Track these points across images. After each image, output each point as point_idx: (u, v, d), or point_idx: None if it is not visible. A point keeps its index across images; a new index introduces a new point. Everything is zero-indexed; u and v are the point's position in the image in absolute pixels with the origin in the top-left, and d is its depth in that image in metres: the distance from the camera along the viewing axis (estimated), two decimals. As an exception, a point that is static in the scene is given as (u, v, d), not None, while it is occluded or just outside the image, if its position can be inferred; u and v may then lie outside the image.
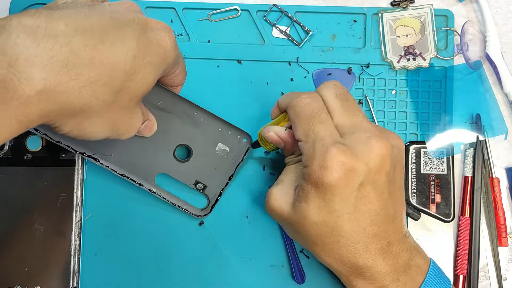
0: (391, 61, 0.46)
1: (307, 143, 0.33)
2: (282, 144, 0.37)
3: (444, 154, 0.44)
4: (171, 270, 0.44)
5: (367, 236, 0.32)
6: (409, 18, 0.46)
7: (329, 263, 0.34)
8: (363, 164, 0.31)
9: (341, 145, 0.32)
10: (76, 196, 0.44)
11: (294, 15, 0.46)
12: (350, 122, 0.34)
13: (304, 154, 0.33)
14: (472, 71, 0.45)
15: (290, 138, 0.36)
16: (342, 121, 0.34)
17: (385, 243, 0.33)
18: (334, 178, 0.31)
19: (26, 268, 0.43)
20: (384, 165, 0.32)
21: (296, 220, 0.33)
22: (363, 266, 0.33)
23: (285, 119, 0.37)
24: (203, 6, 0.47)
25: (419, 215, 0.44)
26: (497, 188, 0.44)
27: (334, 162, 0.31)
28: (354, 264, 0.33)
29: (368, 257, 0.33)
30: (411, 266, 0.34)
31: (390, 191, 0.34)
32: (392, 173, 0.34)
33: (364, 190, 0.32)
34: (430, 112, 0.45)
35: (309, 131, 0.33)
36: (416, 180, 0.44)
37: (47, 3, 0.47)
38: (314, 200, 0.32)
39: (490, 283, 0.44)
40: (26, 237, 0.43)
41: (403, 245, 0.34)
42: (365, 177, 0.32)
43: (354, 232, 0.32)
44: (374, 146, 0.32)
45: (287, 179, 0.35)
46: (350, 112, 0.35)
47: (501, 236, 0.43)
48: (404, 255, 0.34)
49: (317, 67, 0.46)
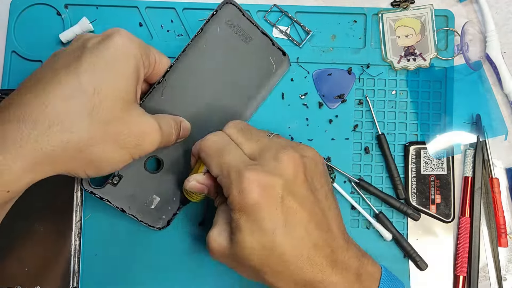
0: (391, 62, 0.46)
1: (223, 176, 0.34)
2: (206, 190, 0.38)
3: (444, 154, 0.44)
4: (170, 270, 0.44)
5: (307, 247, 0.32)
6: (409, 18, 0.46)
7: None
8: (278, 177, 0.32)
9: (252, 166, 0.33)
10: (76, 196, 0.44)
11: (294, 15, 0.46)
12: (258, 147, 0.36)
13: (223, 187, 0.34)
14: (472, 71, 0.45)
15: (211, 181, 0.37)
16: (250, 149, 0.36)
17: (329, 252, 0.33)
18: (254, 197, 0.32)
19: (26, 268, 0.43)
20: (299, 174, 0.33)
21: (238, 253, 0.33)
22: (315, 280, 0.33)
23: (202, 165, 0.38)
24: (203, 6, 0.47)
25: (419, 216, 0.44)
26: (497, 188, 0.44)
27: (250, 183, 0.32)
28: (306, 280, 0.33)
29: (316, 270, 0.33)
30: (362, 274, 0.34)
31: (315, 199, 0.34)
32: (311, 182, 0.34)
33: (287, 202, 0.32)
34: (430, 112, 0.45)
35: (222, 164, 0.34)
36: (416, 181, 0.44)
37: (47, 3, 0.47)
38: (245, 226, 0.32)
39: (490, 284, 0.44)
40: (26, 237, 0.44)
41: (349, 252, 0.34)
42: (284, 189, 0.32)
43: (293, 246, 0.32)
44: (283, 158, 0.33)
45: (221, 219, 0.36)
46: (255, 139, 0.36)
47: (501, 236, 0.43)
48: (352, 262, 0.34)
49: (317, 68, 0.46)
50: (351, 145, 0.45)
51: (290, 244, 0.32)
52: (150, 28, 0.47)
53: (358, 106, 0.46)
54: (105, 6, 0.47)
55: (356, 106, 0.46)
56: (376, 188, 0.44)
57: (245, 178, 0.32)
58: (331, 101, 0.46)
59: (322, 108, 0.46)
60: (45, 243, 0.43)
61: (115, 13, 0.47)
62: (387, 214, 0.44)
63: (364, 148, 0.45)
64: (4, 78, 0.46)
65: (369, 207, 0.44)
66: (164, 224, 0.43)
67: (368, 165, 0.45)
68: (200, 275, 0.44)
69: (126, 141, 0.34)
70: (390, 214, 0.44)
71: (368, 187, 0.44)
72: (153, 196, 0.43)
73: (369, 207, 0.44)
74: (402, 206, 0.43)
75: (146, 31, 0.47)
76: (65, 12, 0.47)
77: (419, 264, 0.43)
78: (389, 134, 0.45)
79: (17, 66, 0.47)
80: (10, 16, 0.47)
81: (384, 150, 0.44)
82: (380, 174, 0.45)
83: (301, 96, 0.46)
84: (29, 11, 0.47)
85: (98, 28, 0.47)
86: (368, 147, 0.45)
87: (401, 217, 0.44)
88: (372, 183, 0.45)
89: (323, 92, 0.46)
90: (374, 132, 0.45)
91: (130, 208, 0.42)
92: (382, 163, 0.45)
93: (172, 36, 0.47)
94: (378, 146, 0.45)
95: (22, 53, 0.46)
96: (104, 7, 0.47)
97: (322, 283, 0.33)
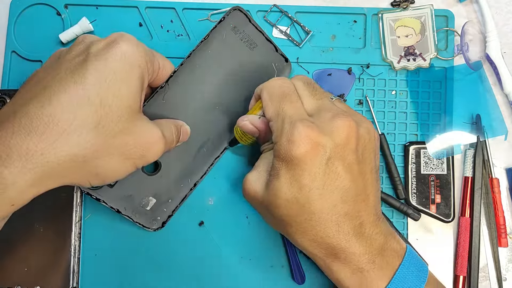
0: (391, 62, 0.46)
1: (277, 122, 0.35)
2: (257, 133, 0.38)
3: (444, 154, 0.44)
4: (170, 270, 0.44)
5: (338, 214, 0.33)
6: (409, 18, 0.46)
7: (304, 246, 0.34)
8: (329, 139, 0.32)
9: (307, 121, 0.33)
10: (76, 196, 0.44)
11: (294, 15, 0.46)
12: (317, 105, 0.36)
13: (273, 132, 0.35)
14: (472, 71, 0.45)
15: (264, 126, 0.38)
16: (310, 105, 0.36)
17: (358, 223, 0.33)
18: (301, 151, 0.32)
19: (26, 268, 0.43)
20: (350, 141, 0.33)
21: (269, 201, 0.34)
22: (337, 247, 0.33)
23: (259, 107, 0.38)
24: (203, 6, 0.47)
25: (419, 216, 0.44)
26: (497, 188, 0.44)
27: (301, 137, 0.32)
28: (328, 245, 0.33)
29: (341, 237, 0.33)
30: (387, 249, 0.34)
31: (360, 171, 0.34)
32: (361, 153, 0.34)
33: (332, 165, 0.32)
34: (430, 112, 0.45)
35: (279, 110, 0.35)
36: (416, 180, 0.44)
37: (47, 3, 0.47)
38: (284, 176, 0.33)
39: (490, 284, 0.44)
40: (26, 237, 0.43)
41: (377, 228, 0.34)
42: (332, 152, 0.32)
43: (325, 209, 0.32)
44: (339, 122, 0.33)
45: (262, 165, 0.36)
46: (317, 96, 0.37)
47: (501, 236, 0.43)
48: (378, 238, 0.34)
49: (317, 68, 0.46)
50: (351, 145, 0.45)
51: (323, 206, 0.32)
52: (150, 28, 0.47)
53: (358, 106, 0.46)
54: (105, 6, 0.47)
55: (356, 106, 0.46)
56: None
57: (297, 131, 0.32)
58: (331, 101, 0.46)
59: (322, 108, 0.46)
60: (45, 243, 0.43)
61: (115, 13, 0.47)
62: (387, 214, 0.44)
63: (364, 148, 0.45)
64: (4, 78, 0.46)
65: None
66: (159, 226, 0.43)
67: (368, 165, 0.45)
68: (200, 275, 0.44)
69: (132, 152, 0.34)
70: (390, 214, 0.44)
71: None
72: (149, 197, 0.43)
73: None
74: (402, 206, 0.43)
75: (146, 31, 0.47)
76: (65, 12, 0.47)
77: (419, 264, 0.43)
78: (389, 134, 0.45)
79: (17, 66, 0.47)
80: (10, 16, 0.47)
81: (384, 150, 0.44)
82: (380, 174, 0.45)
83: (301, 96, 0.46)
84: (29, 11, 0.47)
85: (98, 28, 0.47)
86: (368, 147, 0.45)
87: (401, 217, 0.44)
88: (372, 183, 0.45)
89: (323, 92, 0.46)
90: (374, 132, 0.45)
91: (126, 209, 0.42)
92: (382, 163, 0.45)
93: (172, 36, 0.47)
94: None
95: (22, 53, 0.46)
96: (104, 7, 0.47)
97: (344, 251, 0.33)
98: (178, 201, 0.44)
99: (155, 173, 0.42)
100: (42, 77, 0.33)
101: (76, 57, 0.33)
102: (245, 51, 0.43)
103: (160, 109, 0.41)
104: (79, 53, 0.33)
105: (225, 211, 0.45)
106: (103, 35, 0.46)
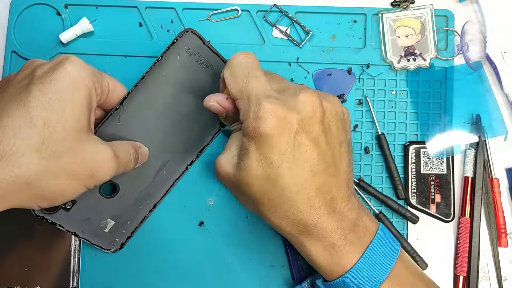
0: (391, 62, 0.46)
1: (242, 100, 0.35)
2: (224, 113, 0.38)
3: (444, 154, 0.44)
4: (170, 270, 0.44)
5: (309, 188, 0.33)
6: (409, 18, 0.46)
7: (277, 224, 0.34)
8: (295, 113, 0.33)
9: (272, 97, 0.33)
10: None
11: (294, 15, 0.46)
12: (281, 85, 0.37)
13: (240, 111, 0.35)
14: (472, 71, 0.45)
15: (230, 105, 0.38)
16: (274, 85, 0.36)
17: (329, 198, 0.34)
18: (268, 126, 0.32)
19: (26, 268, 0.43)
20: (315, 114, 0.33)
21: (241, 180, 0.34)
22: (309, 222, 0.33)
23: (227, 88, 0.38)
24: (203, 6, 0.47)
25: (417, 219, 0.43)
26: (497, 188, 0.44)
27: (267, 112, 0.32)
28: (300, 221, 0.33)
29: (313, 212, 0.33)
30: (359, 225, 0.35)
31: (328, 142, 0.34)
32: (328, 125, 0.34)
33: (300, 138, 0.33)
34: (430, 112, 0.45)
35: (243, 87, 0.35)
36: (416, 180, 0.44)
37: (47, 3, 0.47)
38: (253, 153, 0.33)
39: (490, 284, 0.44)
40: (26, 237, 0.43)
41: (349, 204, 0.35)
42: (299, 126, 0.33)
43: (296, 183, 0.33)
44: (303, 96, 0.34)
45: (232, 145, 0.36)
46: (277, 79, 0.38)
47: (501, 236, 0.43)
48: (350, 214, 0.34)
49: (317, 68, 0.46)
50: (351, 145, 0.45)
51: (294, 180, 0.33)
52: (150, 28, 0.47)
53: (358, 106, 0.46)
54: (105, 6, 0.47)
55: (356, 106, 0.46)
56: (375, 189, 0.44)
57: (263, 107, 0.32)
58: (331, 101, 0.46)
59: (322, 108, 0.46)
60: (45, 243, 0.43)
61: (115, 13, 0.47)
62: (387, 214, 0.44)
63: (364, 148, 0.45)
64: (4, 78, 0.47)
65: (369, 207, 0.44)
66: (118, 247, 0.43)
67: (368, 165, 0.45)
68: (200, 275, 0.44)
69: (79, 172, 0.33)
70: (390, 214, 0.44)
71: (367, 187, 0.44)
72: (108, 220, 0.42)
73: (369, 207, 0.44)
74: (401, 209, 0.43)
75: (146, 31, 0.47)
76: (65, 12, 0.47)
77: (419, 264, 0.43)
78: (389, 134, 0.45)
79: (17, 66, 0.47)
80: (10, 16, 0.47)
81: (384, 150, 0.44)
82: (380, 174, 0.45)
83: (301, 96, 0.46)
84: (29, 11, 0.47)
85: (98, 28, 0.47)
86: (368, 147, 0.45)
87: (401, 217, 0.44)
88: (372, 183, 0.45)
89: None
90: (374, 132, 0.45)
91: (84, 232, 0.42)
92: (382, 163, 0.45)
93: (172, 36, 0.47)
94: (378, 146, 0.45)
95: (22, 53, 0.46)
96: (104, 7, 0.47)
97: (316, 226, 0.33)
98: (138, 223, 0.43)
99: (113, 196, 0.42)
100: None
101: (21, 81, 0.33)
102: (201, 71, 0.43)
103: (117, 131, 0.41)
104: (25, 76, 0.34)
105: (225, 211, 0.45)
106: (103, 35, 0.47)
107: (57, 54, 0.46)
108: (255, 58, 0.37)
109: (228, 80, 0.36)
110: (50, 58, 0.46)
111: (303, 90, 0.34)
